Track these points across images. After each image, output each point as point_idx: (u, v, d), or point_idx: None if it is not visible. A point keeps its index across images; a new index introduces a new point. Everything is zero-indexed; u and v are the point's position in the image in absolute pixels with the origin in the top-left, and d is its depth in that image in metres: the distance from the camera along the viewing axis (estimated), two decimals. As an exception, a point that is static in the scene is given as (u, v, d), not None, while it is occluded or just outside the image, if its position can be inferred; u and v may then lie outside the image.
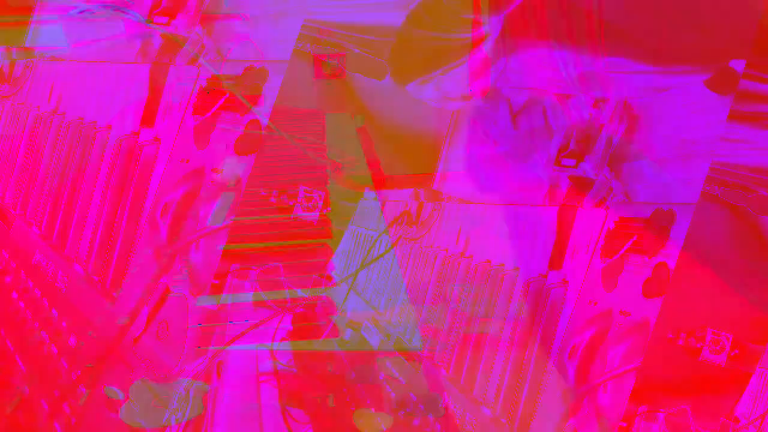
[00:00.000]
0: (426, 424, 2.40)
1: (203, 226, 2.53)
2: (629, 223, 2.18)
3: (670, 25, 2.17)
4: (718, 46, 2.12)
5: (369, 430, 2.37)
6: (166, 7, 2.59)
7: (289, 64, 2.49)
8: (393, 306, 2.46)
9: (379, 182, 2.46)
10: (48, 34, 2.70)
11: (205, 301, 2.51)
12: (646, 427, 2.12)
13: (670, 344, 2.10)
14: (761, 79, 2.08)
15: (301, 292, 2.49)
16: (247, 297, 2.50)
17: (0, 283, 2.84)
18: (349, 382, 2.41)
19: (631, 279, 2.16)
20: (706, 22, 2.14)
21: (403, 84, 2.45)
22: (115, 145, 2.65)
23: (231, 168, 2.49)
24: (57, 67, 2.74)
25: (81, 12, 2.63)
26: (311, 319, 2.47)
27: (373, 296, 2.49)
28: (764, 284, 2.05)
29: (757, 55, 2.08)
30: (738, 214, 2.07)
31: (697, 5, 2.15)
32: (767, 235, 2.05)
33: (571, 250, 2.25)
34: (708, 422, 2.06)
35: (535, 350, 2.27)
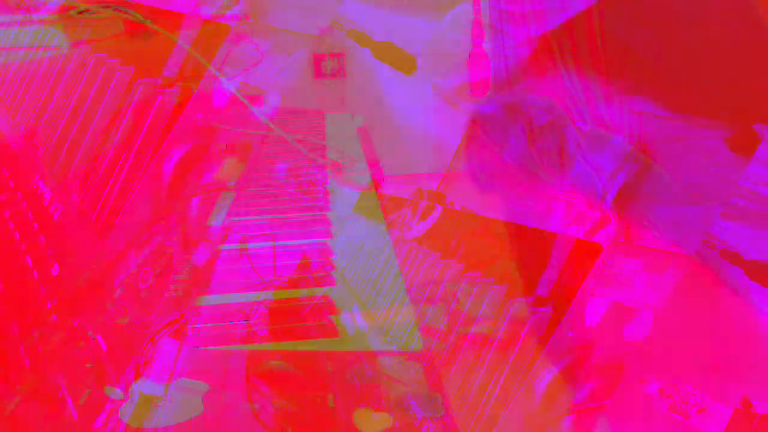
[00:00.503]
0: (424, 423, 2.41)
1: (205, 183, 2.53)
2: (623, 263, 2.18)
3: (701, 77, 2.17)
4: (745, 107, 2.12)
5: (369, 430, 2.38)
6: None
7: (290, 65, 2.49)
8: (379, 302, 2.46)
9: (379, 182, 2.46)
10: (48, 34, 2.71)
11: (199, 255, 2.52)
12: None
13: (640, 390, 2.11)
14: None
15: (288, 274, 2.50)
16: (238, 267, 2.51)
17: (-6, 200, 2.84)
18: (348, 381, 2.42)
19: (614, 318, 2.16)
20: (738, 82, 2.13)
21: (428, 80, 2.45)
22: (134, 87, 2.65)
23: (231, 168, 2.50)
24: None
25: (81, 12, 2.63)
26: (310, 319, 2.48)
27: (361, 289, 2.50)
28: (744, 348, 2.06)
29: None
30: (731, 275, 2.07)
31: (733, 66, 2.15)
32: (755, 301, 2.06)
33: (561, 279, 2.25)
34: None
35: (506, 370, 2.27)
